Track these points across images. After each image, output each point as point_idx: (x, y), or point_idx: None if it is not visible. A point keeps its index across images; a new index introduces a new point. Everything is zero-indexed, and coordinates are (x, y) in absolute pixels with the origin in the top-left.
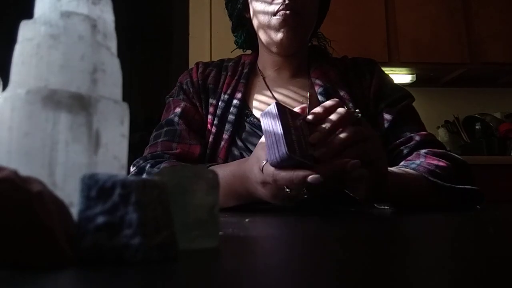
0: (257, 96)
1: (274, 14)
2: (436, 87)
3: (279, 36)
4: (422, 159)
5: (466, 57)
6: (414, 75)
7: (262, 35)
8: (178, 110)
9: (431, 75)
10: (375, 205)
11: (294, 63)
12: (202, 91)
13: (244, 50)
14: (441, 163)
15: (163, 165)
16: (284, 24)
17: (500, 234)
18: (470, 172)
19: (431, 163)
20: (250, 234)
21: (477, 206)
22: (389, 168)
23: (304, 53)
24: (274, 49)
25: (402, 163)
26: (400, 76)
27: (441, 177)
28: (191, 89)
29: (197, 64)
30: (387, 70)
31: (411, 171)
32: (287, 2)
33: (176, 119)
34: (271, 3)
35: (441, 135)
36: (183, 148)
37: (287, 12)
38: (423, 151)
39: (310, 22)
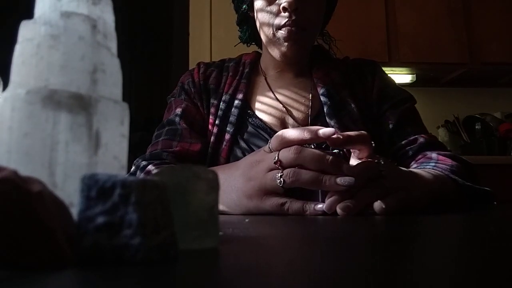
0: (259, 97)
1: (279, 28)
2: (436, 87)
3: (283, 48)
4: (434, 160)
5: (466, 57)
6: (414, 75)
7: (265, 42)
8: (179, 110)
9: (431, 75)
10: None
11: (297, 65)
12: (203, 91)
13: (248, 45)
14: (454, 163)
15: (150, 167)
16: (289, 38)
17: (500, 234)
18: (476, 173)
19: (446, 163)
20: (250, 234)
21: (494, 203)
22: (415, 170)
23: (307, 55)
24: (277, 57)
25: (413, 165)
26: (400, 76)
27: (458, 176)
28: (192, 89)
29: (198, 64)
30: (387, 70)
31: (434, 172)
32: (293, 18)
33: (177, 119)
34: (276, 16)
35: (441, 135)
36: (183, 147)
37: (293, 28)
38: (431, 152)
39: (315, 34)
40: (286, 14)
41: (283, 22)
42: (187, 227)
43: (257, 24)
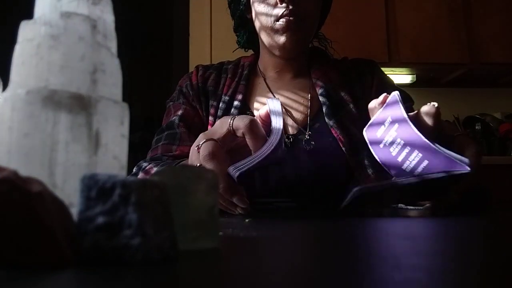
0: (259, 98)
1: (277, 19)
2: (436, 88)
3: (281, 40)
4: None
5: (466, 58)
6: (414, 76)
7: (264, 38)
8: (178, 114)
9: (431, 75)
10: (404, 205)
11: (296, 64)
12: (202, 94)
13: (246, 50)
14: None
15: (151, 165)
16: (287, 29)
17: (500, 234)
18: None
19: None
20: (250, 234)
21: (490, 204)
22: None
23: (305, 54)
24: (276, 52)
25: None
26: (400, 77)
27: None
28: (190, 92)
29: (197, 67)
30: (387, 70)
31: None
32: (291, 8)
33: (176, 122)
34: (274, 8)
35: None
36: (182, 150)
37: (291, 18)
38: None
39: (313, 26)
40: (284, 5)
41: (280, 13)
42: (187, 227)
43: (256, 25)
